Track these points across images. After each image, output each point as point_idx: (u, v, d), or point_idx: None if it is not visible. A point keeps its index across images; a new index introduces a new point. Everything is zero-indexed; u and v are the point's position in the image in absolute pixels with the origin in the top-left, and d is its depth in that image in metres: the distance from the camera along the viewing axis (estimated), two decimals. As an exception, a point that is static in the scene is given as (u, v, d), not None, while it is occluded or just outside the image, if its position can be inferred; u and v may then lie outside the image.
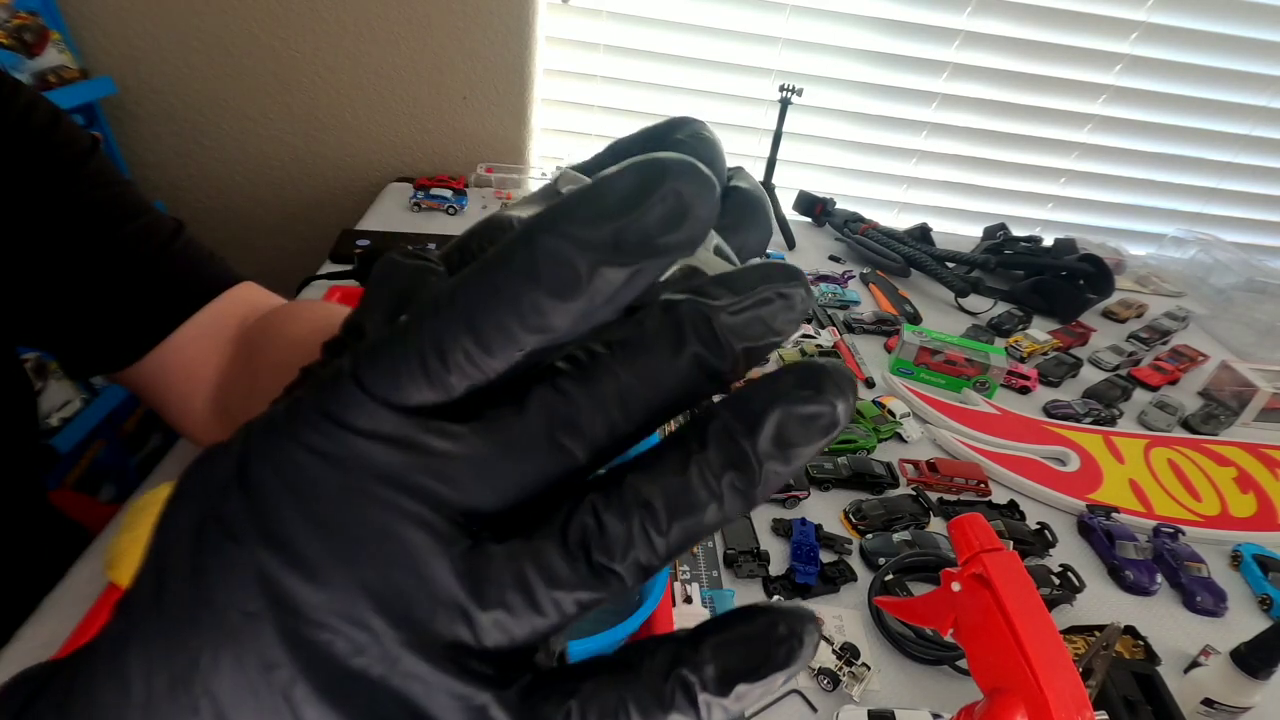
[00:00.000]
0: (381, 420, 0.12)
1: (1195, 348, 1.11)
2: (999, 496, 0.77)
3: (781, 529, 0.68)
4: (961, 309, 1.16)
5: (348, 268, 0.94)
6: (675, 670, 0.12)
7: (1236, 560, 0.74)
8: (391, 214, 1.16)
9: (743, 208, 0.19)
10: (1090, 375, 1.03)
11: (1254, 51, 1.34)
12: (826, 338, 0.99)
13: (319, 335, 0.39)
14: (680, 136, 0.19)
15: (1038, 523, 0.73)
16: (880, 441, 0.81)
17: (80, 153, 0.44)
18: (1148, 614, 0.67)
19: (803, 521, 0.68)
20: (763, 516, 0.69)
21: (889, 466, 0.77)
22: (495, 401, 0.12)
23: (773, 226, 0.19)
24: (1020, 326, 1.13)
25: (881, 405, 0.85)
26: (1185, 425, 0.95)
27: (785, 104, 1.21)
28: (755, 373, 0.13)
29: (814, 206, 1.36)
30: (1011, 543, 0.70)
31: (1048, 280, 1.19)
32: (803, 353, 0.94)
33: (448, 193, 1.18)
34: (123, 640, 0.12)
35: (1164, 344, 1.15)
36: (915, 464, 0.78)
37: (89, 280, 0.44)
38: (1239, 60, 1.35)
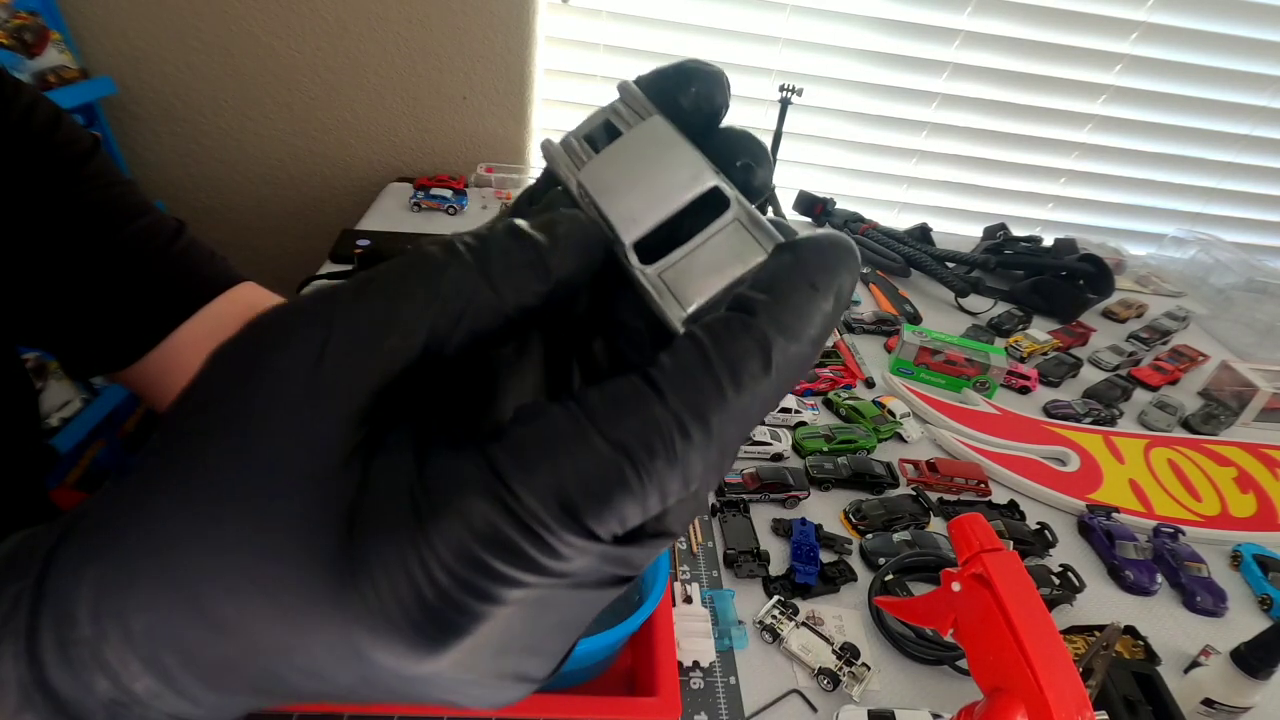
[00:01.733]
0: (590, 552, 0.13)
1: (1195, 348, 1.11)
2: (999, 496, 0.77)
3: (781, 529, 0.68)
4: (961, 309, 1.16)
5: (348, 268, 0.94)
6: None
7: (1236, 560, 0.74)
8: (391, 214, 1.16)
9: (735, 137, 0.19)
10: (1090, 375, 1.03)
11: (1254, 51, 1.34)
12: (826, 338, 0.99)
13: None
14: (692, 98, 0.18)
15: (1038, 523, 0.73)
16: (880, 441, 0.81)
17: (81, 153, 0.44)
18: (1148, 614, 0.67)
19: (803, 521, 0.68)
20: (763, 516, 0.69)
21: (889, 466, 0.77)
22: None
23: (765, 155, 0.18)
24: (1020, 326, 1.13)
25: (881, 405, 0.85)
26: (1185, 425, 0.95)
27: (785, 104, 1.21)
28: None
29: (814, 206, 1.36)
30: (1011, 543, 0.70)
31: (1048, 280, 1.19)
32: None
33: (448, 193, 1.18)
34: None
35: (1164, 344, 1.15)
36: (915, 464, 0.78)
37: (90, 280, 0.44)
38: (1239, 60, 1.35)
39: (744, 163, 0.17)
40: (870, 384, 0.93)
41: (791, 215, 1.34)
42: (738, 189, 0.16)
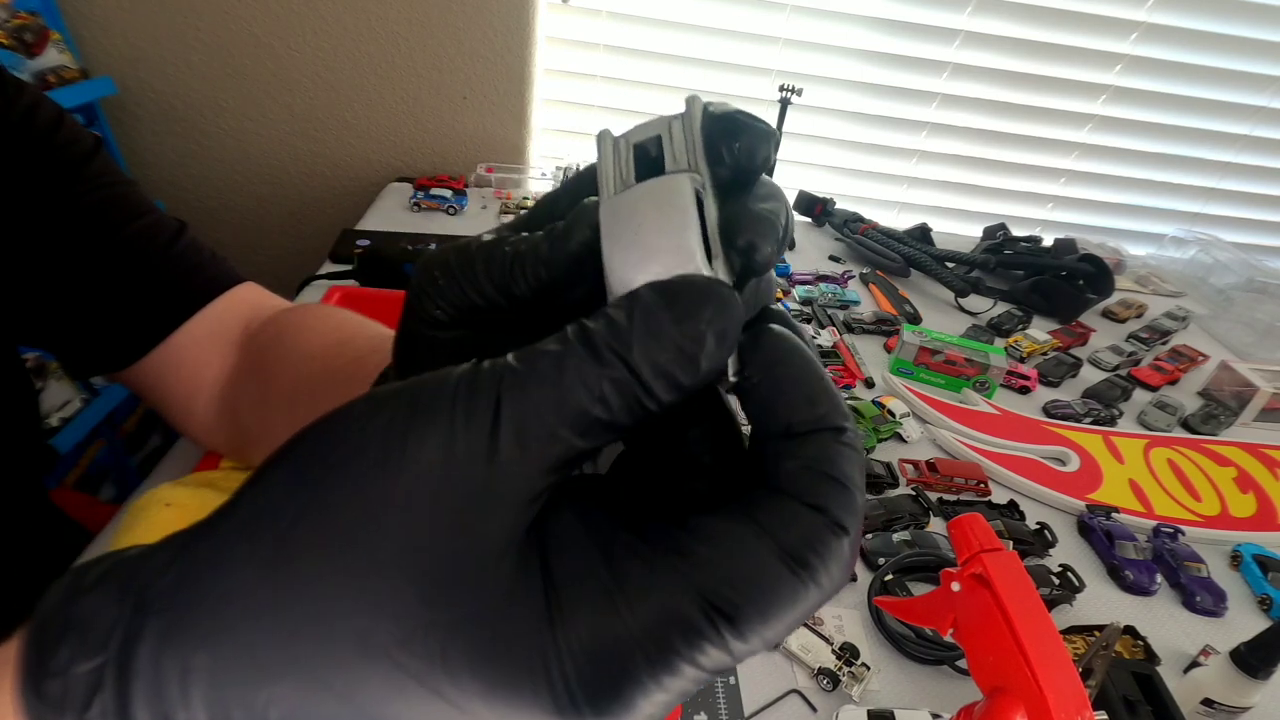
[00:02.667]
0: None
1: (1195, 348, 1.11)
2: (999, 496, 0.77)
3: (781, 529, 0.68)
4: (961, 309, 1.16)
5: (348, 268, 0.94)
6: None
7: (1236, 560, 0.74)
8: (391, 214, 1.16)
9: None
10: (1090, 375, 1.03)
11: (1254, 51, 1.34)
12: (826, 338, 0.99)
13: (332, 352, 0.40)
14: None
15: (1038, 523, 0.73)
16: (880, 441, 0.81)
17: (83, 153, 0.44)
18: (1148, 614, 0.67)
19: (803, 521, 0.68)
20: (763, 516, 0.69)
21: (889, 466, 0.77)
22: None
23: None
24: (1020, 326, 1.13)
25: (881, 405, 0.85)
26: (1185, 425, 0.95)
27: (785, 104, 1.21)
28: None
29: (814, 206, 1.36)
30: (1011, 543, 0.70)
31: (1048, 280, 1.19)
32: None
33: (448, 193, 1.18)
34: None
35: (1164, 344, 1.15)
36: (915, 464, 0.78)
37: (91, 279, 0.44)
38: (1239, 60, 1.35)
39: (746, 242, 0.17)
40: (870, 384, 0.93)
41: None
42: (737, 265, 0.17)
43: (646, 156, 0.18)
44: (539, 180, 1.31)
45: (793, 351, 0.16)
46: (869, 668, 0.56)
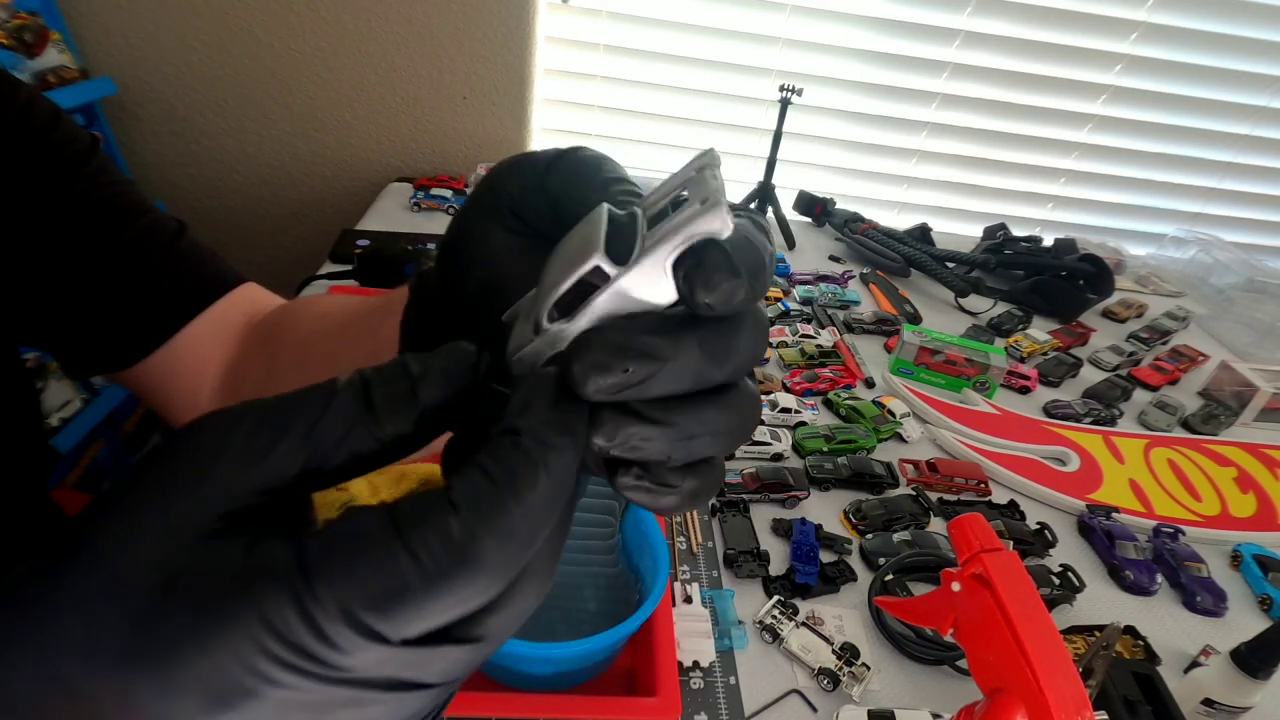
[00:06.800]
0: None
1: (1195, 348, 1.11)
2: (999, 496, 0.77)
3: (781, 529, 0.68)
4: (961, 309, 1.16)
5: (348, 268, 0.94)
6: None
7: (1236, 560, 0.74)
8: (391, 214, 1.16)
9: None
10: (1090, 375, 1.03)
11: (1254, 51, 1.34)
12: (826, 338, 0.99)
13: (350, 306, 0.41)
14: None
15: (1038, 523, 0.73)
16: (880, 441, 0.81)
17: (80, 152, 0.44)
18: (1148, 614, 0.67)
19: (803, 521, 0.68)
20: (763, 516, 0.69)
21: (889, 466, 0.77)
22: None
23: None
24: (1020, 326, 1.13)
25: (881, 405, 0.85)
26: (1185, 425, 0.95)
27: (785, 104, 1.21)
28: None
29: (814, 206, 1.36)
30: (1011, 543, 0.70)
31: (1048, 280, 1.19)
32: (803, 352, 0.94)
33: (448, 193, 1.18)
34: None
35: (1164, 344, 1.15)
36: (915, 464, 0.78)
37: (92, 280, 0.44)
38: (1239, 60, 1.35)
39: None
40: (870, 384, 0.92)
41: (791, 215, 1.34)
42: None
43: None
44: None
45: (537, 376, 0.18)
46: (869, 668, 0.56)
